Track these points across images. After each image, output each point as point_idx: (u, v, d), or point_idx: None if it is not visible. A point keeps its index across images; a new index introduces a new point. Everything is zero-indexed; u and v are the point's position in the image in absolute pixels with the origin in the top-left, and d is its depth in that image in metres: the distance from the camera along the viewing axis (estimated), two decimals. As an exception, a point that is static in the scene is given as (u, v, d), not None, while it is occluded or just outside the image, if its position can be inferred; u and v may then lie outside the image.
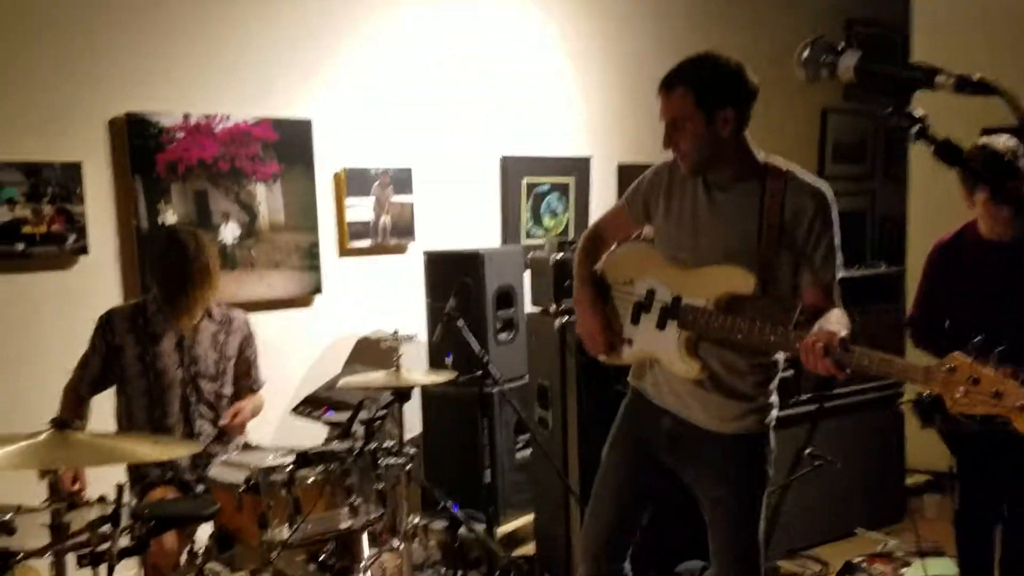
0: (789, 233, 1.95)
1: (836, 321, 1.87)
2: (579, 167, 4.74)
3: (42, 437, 1.74)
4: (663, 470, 2.17)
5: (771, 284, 1.97)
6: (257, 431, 3.06)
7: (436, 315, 3.71)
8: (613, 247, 2.28)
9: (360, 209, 4.07)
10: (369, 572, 2.55)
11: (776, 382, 2.09)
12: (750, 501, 2.07)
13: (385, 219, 4.16)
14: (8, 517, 2.10)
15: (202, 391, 2.83)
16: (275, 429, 3.47)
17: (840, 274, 2.01)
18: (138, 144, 3.43)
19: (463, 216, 4.42)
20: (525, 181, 4.56)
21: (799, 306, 2.01)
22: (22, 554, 1.89)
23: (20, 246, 3.18)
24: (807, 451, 3.01)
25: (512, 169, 4.51)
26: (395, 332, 3.15)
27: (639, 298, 2.13)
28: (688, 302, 2.02)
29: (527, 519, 3.73)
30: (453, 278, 3.39)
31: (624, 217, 2.25)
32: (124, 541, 1.91)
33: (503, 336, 3.81)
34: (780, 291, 2.00)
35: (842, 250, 2.01)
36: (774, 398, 2.09)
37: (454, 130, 4.35)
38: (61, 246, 3.28)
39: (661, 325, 2.06)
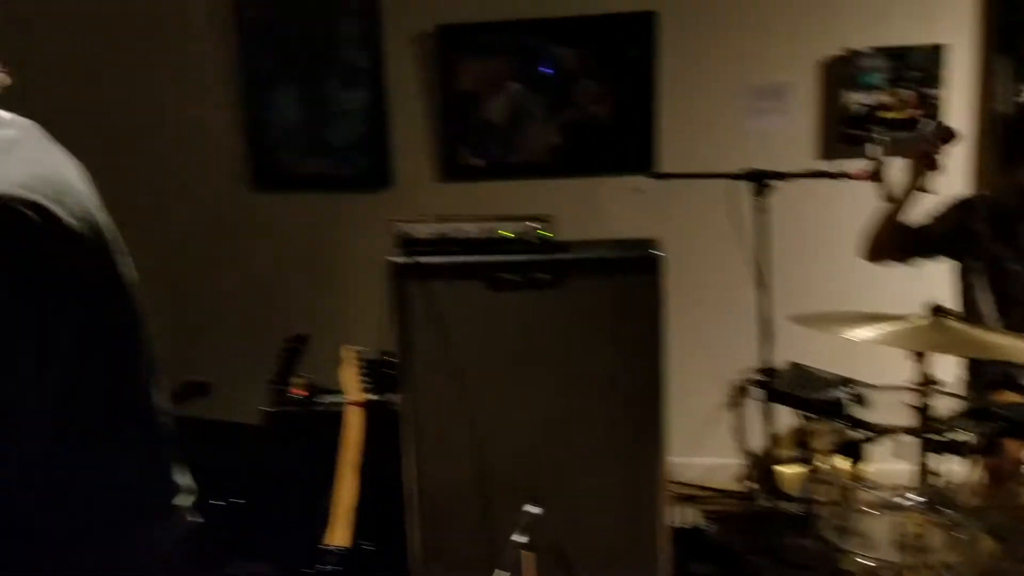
0: None
1: None
2: None
3: (923, 322, 1.78)
4: None
5: None
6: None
7: None
8: None
9: None
10: None
11: None
12: None
13: None
14: (861, 392, 2.27)
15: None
16: None
17: None
18: (1003, 22, 3.17)
19: None
20: None
21: None
22: (879, 427, 2.02)
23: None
24: None
25: None
26: None
27: None
28: None
29: None
30: None
31: None
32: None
33: None
34: None
35: None
36: None
37: None
38: (911, 129, 3.27)
39: None
